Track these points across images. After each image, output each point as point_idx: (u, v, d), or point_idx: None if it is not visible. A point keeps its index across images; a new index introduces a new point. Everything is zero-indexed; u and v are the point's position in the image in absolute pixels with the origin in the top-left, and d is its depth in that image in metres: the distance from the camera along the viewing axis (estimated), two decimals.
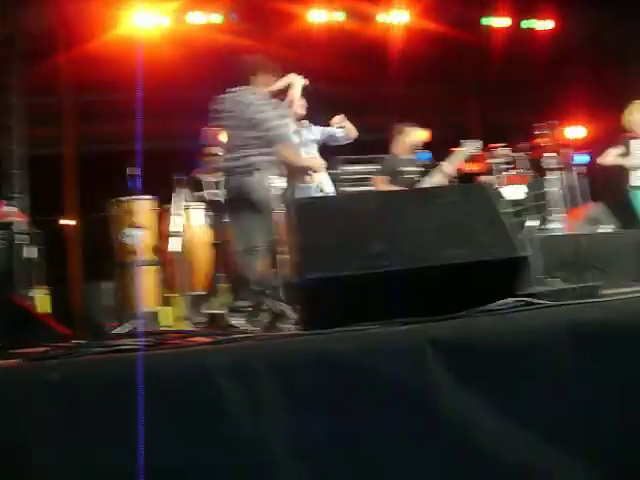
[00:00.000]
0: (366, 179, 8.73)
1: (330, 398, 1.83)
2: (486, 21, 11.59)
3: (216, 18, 10.46)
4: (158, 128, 8.54)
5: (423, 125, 7.06)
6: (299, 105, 5.66)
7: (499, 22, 11.48)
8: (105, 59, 11.23)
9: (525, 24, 11.67)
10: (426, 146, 7.00)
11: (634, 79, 9.70)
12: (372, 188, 8.35)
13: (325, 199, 3.50)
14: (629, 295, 2.71)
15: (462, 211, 2.49)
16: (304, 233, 2.34)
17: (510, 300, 2.25)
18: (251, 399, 1.75)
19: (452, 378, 1.84)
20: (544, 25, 11.43)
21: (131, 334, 4.06)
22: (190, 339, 2.10)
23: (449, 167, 6.51)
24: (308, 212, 2.41)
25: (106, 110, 11.51)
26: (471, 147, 6.75)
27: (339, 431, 1.80)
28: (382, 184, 6.54)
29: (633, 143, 6.84)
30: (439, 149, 7.17)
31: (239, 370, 1.77)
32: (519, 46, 11.34)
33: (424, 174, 6.62)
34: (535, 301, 2.27)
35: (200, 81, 9.21)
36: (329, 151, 8.94)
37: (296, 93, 5.39)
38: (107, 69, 11.39)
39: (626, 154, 6.85)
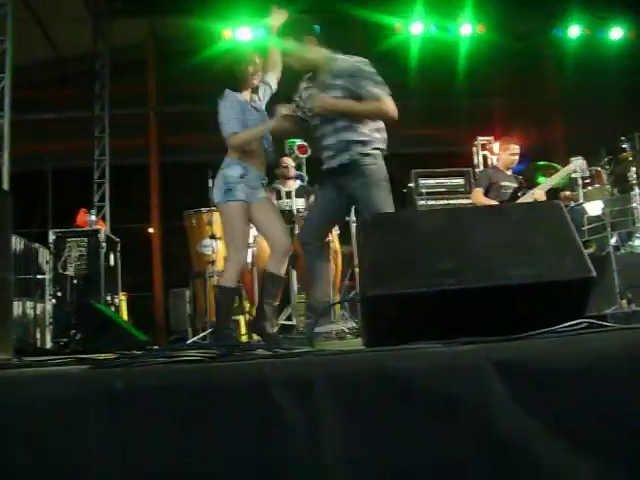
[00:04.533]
0: (445, 192, 8.69)
1: (388, 416, 1.83)
2: (566, 32, 11.44)
3: None
4: None
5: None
6: None
7: (578, 32, 11.35)
8: (189, 72, 11.54)
9: (605, 34, 11.48)
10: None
11: None
12: (459, 202, 8.34)
13: (391, 215, 3.47)
14: None
15: (531, 229, 2.44)
16: (367, 249, 2.34)
17: (577, 322, 2.19)
18: (308, 413, 1.76)
19: (513, 400, 1.81)
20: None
21: (199, 345, 4.16)
22: (252, 352, 2.12)
23: (551, 183, 6.47)
24: (372, 228, 2.40)
25: (189, 121, 11.80)
26: (578, 164, 6.64)
27: (397, 448, 1.80)
28: (480, 197, 6.50)
29: None
30: (521, 162, 7.10)
31: (296, 384, 1.78)
32: (602, 56, 11.11)
33: (520, 189, 6.58)
34: (603, 324, 2.21)
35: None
36: (407, 165, 8.95)
37: None
38: (190, 81, 11.70)
39: None
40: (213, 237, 6.13)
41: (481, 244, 2.37)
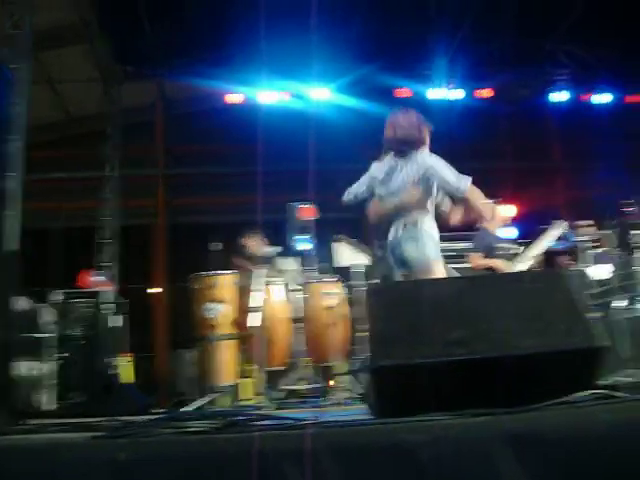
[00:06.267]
0: (455, 257, 8.63)
1: None
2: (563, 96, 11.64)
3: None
4: (244, 201, 8.64)
5: (508, 200, 7.04)
6: None
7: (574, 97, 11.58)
8: (197, 134, 11.70)
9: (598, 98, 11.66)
10: (512, 221, 6.98)
11: None
12: (467, 265, 8.27)
13: (399, 285, 3.46)
14: None
15: (540, 298, 2.43)
16: (376, 320, 2.33)
17: (588, 392, 2.16)
18: None
19: (525, 473, 1.79)
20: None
21: (202, 414, 4.02)
22: (258, 422, 2.09)
23: (540, 247, 6.44)
24: (380, 298, 2.39)
25: (197, 183, 11.91)
26: (561, 227, 6.64)
27: None
28: (480, 260, 6.46)
29: None
30: (524, 225, 7.10)
31: (302, 456, 1.76)
32: (600, 119, 11.24)
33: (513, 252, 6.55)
34: (614, 394, 2.17)
35: (287, 155, 9.42)
36: None
37: None
38: (199, 143, 11.85)
39: None
40: (217, 301, 6.08)
41: (491, 313, 2.35)
